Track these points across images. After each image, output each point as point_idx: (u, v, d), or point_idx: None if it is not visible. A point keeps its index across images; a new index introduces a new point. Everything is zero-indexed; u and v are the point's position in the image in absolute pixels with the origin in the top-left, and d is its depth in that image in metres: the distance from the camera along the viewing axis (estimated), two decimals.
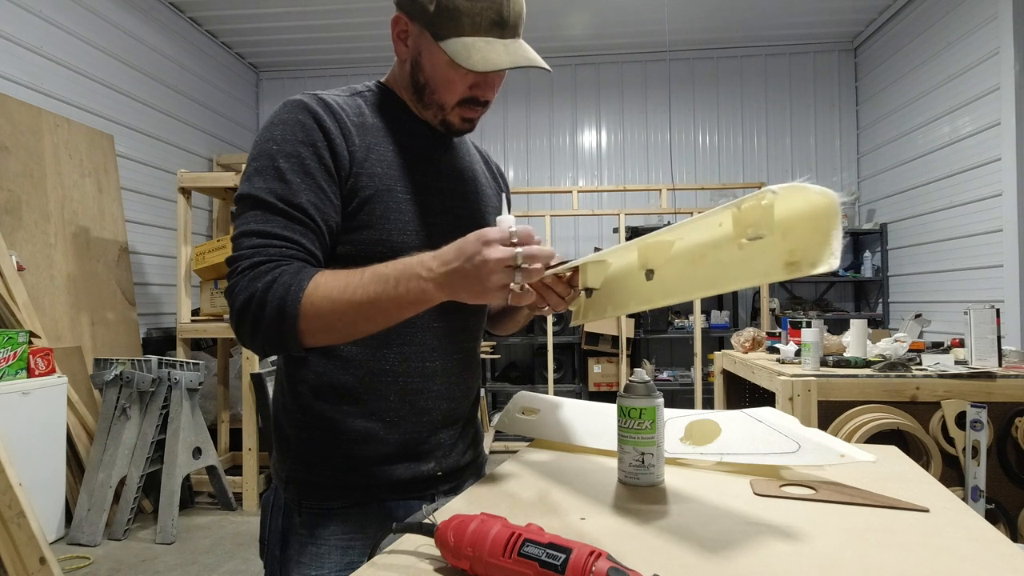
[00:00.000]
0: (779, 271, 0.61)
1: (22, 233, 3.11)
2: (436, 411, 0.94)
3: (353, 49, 5.27)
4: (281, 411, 0.93)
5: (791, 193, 0.58)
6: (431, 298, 0.73)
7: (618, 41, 5.22)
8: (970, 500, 1.78)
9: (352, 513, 0.88)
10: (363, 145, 0.87)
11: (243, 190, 0.82)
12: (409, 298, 0.73)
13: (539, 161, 5.58)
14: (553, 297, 0.85)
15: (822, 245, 0.58)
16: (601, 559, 0.51)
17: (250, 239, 0.79)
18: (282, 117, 0.84)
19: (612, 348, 4.77)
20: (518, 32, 0.87)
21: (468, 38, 0.83)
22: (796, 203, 0.60)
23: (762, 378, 2.21)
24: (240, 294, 0.77)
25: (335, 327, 0.76)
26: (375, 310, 0.74)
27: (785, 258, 0.61)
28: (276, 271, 0.76)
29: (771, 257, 0.62)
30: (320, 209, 0.82)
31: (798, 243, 0.60)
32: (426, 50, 0.87)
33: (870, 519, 0.70)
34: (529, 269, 0.68)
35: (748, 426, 0.90)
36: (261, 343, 0.78)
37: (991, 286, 3.54)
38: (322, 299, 0.74)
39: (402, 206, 0.88)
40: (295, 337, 0.76)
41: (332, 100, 0.88)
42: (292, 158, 0.81)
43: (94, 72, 3.79)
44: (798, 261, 0.60)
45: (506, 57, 0.83)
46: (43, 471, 2.73)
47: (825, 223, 0.58)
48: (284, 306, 0.74)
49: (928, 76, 4.14)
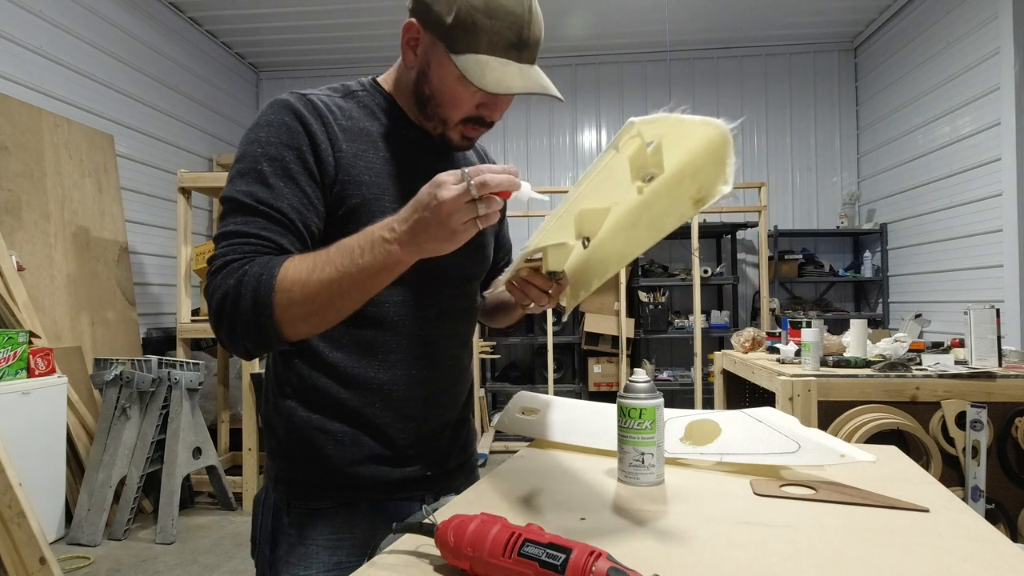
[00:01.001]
0: (689, 209, 0.68)
1: (22, 233, 3.11)
2: (422, 418, 0.93)
3: (353, 49, 5.28)
4: (271, 410, 0.93)
5: (668, 128, 0.61)
6: (399, 259, 0.71)
7: (618, 41, 5.22)
8: (970, 500, 1.78)
9: (340, 513, 0.88)
10: (350, 151, 0.85)
11: (225, 192, 0.81)
12: (377, 264, 0.71)
13: (539, 161, 5.58)
14: (534, 291, 0.84)
15: (718, 175, 0.62)
16: (601, 559, 0.51)
17: (228, 240, 0.78)
18: (267, 118, 0.82)
19: (612, 348, 4.77)
20: (534, 58, 0.85)
21: (483, 56, 0.80)
22: (694, 142, 0.64)
23: (762, 378, 2.21)
24: (215, 294, 0.76)
25: (312, 311, 0.74)
26: (347, 283, 0.72)
27: (693, 196, 0.67)
28: (247, 265, 0.75)
29: (683, 199, 0.69)
30: (301, 214, 0.80)
31: (704, 180, 0.65)
32: (436, 62, 0.84)
33: (870, 519, 0.70)
34: (488, 197, 0.66)
35: (748, 426, 0.90)
36: (241, 341, 0.76)
37: (991, 286, 3.54)
38: (292, 283, 0.72)
39: (389, 215, 0.87)
40: (274, 328, 0.74)
41: (320, 101, 0.85)
42: (275, 161, 0.80)
43: (94, 72, 3.79)
44: (703, 197, 0.65)
45: (520, 81, 0.81)
46: (43, 471, 2.73)
47: (721, 153, 0.62)
48: (257, 297, 0.72)
49: (928, 76, 4.14)
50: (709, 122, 0.59)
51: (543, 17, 0.85)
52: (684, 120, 0.59)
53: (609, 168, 0.64)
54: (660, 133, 0.61)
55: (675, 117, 0.58)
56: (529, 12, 0.81)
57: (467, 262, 0.97)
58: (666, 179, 0.69)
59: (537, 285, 0.84)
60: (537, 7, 0.83)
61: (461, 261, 0.95)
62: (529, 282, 0.84)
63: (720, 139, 0.61)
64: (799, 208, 5.33)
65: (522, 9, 0.80)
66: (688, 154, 0.65)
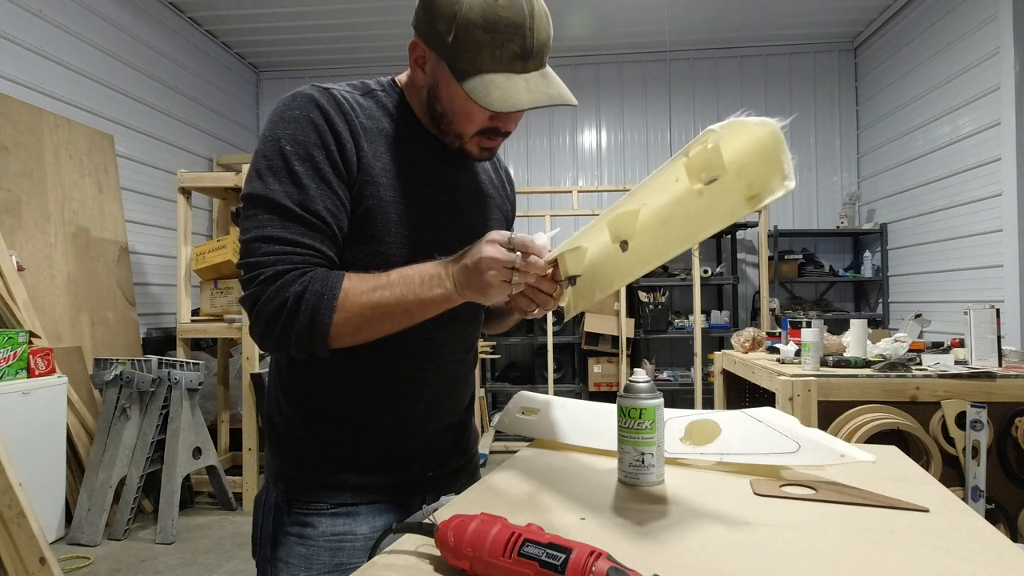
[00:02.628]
0: (742, 207, 0.64)
1: (22, 233, 3.11)
2: (425, 420, 0.93)
3: (353, 49, 5.27)
4: (274, 407, 0.93)
5: (732, 131, 0.60)
6: (450, 297, 0.77)
7: (618, 41, 5.22)
8: (970, 500, 1.78)
9: (341, 514, 0.88)
10: (371, 152, 0.84)
11: (256, 190, 0.79)
12: (431, 297, 0.77)
13: (539, 161, 5.58)
14: (540, 296, 0.84)
15: (774, 172, 0.60)
16: (601, 559, 0.51)
17: (270, 245, 0.77)
18: (293, 114, 0.81)
19: (612, 348, 4.77)
20: (543, 60, 0.83)
21: (488, 75, 0.79)
22: (741, 141, 0.62)
23: (762, 378, 2.21)
24: (269, 304, 0.77)
25: (361, 329, 0.79)
26: (400, 310, 0.78)
27: (745, 194, 0.64)
28: (304, 279, 0.77)
29: (732, 197, 0.65)
30: (336, 216, 0.81)
31: (754, 177, 0.63)
32: (443, 81, 0.83)
33: (870, 519, 0.70)
34: (525, 270, 0.75)
35: (748, 426, 0.90)
36: (287, 349, 0.79)
37: (991, 286, 3.54)
38: (352, 305, 0.77)
39: (404, 220, 0.86)
40: (324, 343, 0.78)
41: (343, 97, 0.84)
42: (307, 161, 0.79)
43: (94, 72, 3.79)
44: (758, 193, 0.63)
45: (527, 96, 0.79)
46: (43, 471, 2.73)
47: (773, 151, 0.60)
48: (317, 315, 0.76)
49: (928, 76, 4.14)
50: (764, 122, 0.59)
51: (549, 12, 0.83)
52: (746, 123, 0.59)
53: (669, 171, 0.65)
54: (720, 135, 0.61)
55: (739, 121, 0.59)
56: (531, 18, 0.78)
57: None
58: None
59: (544, 289, 0.84)
60: (540, 6, 0.81)
61: None
62: (537, 288, 0.83)
63: (770, 136, 0.60)
64: (799, 208, 5.33)
65: (522, 17, 0.78)
66: (733, 152, 0.64)
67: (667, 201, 0.72)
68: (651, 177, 0.66)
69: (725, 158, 0.63)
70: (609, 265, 0.84)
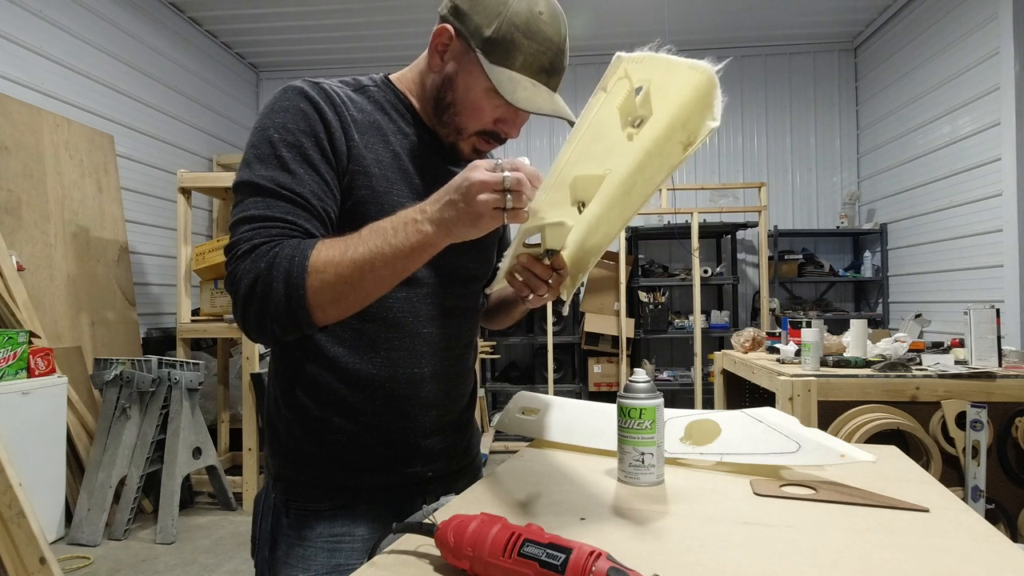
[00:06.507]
0: (678, 155, 0.68)
1: (22, 233, 3.11)
2: (424, 418, 0.92)
3: (353, 49, 5.28)
4: (273, 407, 0.93)
5: (667, 76, 0.60)
6: (431, 240, 0.72)
7: (618, 41, 5.21)
8: (970, 500, 1.78)
9: (339, 515, 0.88)
10: (362, 142, 0.84)
11: (243, 177, 0.79)
12: (409, 243, 0.71)
13: (539, 161, 5.57)
14: (534, 279, 0.84)
15: (706, 115, 0.62)
16: (601, 559, 0.51)
17: (251, 224, 0.76)
18: (282, 104, 0.82)
19: (612, 348, 4.76)
20: (557, 87, 0.88)
21: (516, 74, 0.82)
22: (684, 93, 0.63)
23: (762, 378, 2.21)
24: (243, 278, 0.74)
25: (343, 293, 0.74)
26: (379, 263, 0.72)
27: (683, 142, 0.66)
28: (276, 248, 0.74)
29: (674, 148, 0.68)
30: (323, 200, 0.80)
31: (694, 127, 0.64)
32: (466, 71, 0.84)
33: (870, 519, 0.70)
34: (517, 189, 0.67)
35: (748, 426, 0.90)
36: (271, 325, 0.75)
37: (991, 286, 3.54)
38: (325, 263, 0.72)
39: (396, 211, 0.84)
40: (305, 311, 0.73)
41: (332, 90, 0.85)
42: (294, 148, 0.79)
43: (94, 72, 3.79)
44: (691, 140, 0.65)
45: (549, 104, 0.84)
46: (43, 471, 2.73)
47: (709, 97, 0.61)
48: (290, 278, 0.72)
49: (928, 76, 4.14)
50: (696, 65, 0.59)
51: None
52: (672, 62, 0.58)
53: (599, 124, 0.63)
54: (648, 78, 0.60)
55: (663, 57, 0.57)
56: (564, 42, 0.85)
57: (471, 262, 0.97)
58: (657, 138, 0.69)
59: (537, 273, 0.84)
60: (568, 41, 0.86)
61: (465, 261, 0.95)
62: (529, 270, 0.83)
63: (707, 83, 0.60)
64: (799, 208, 5.32)
65: (559, 38, 0.84)
66: (677, 106, 0.64)
67: (628, 173, 0.75)
68: (580, 120, 0.63)
69: (671, 113, 0.64)
70: (585, 232, 0.87)
